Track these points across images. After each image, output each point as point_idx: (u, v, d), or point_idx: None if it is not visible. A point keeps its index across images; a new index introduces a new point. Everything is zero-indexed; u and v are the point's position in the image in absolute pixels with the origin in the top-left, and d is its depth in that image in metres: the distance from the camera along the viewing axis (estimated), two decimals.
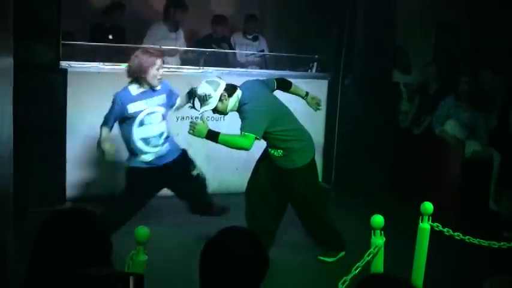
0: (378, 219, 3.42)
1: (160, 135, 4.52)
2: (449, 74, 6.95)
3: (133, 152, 4.52)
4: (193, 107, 4.58)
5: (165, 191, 4.91)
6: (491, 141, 5.93)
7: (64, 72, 5.52)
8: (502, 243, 3.89)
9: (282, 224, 5.40)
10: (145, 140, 4.47)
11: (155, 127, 4.49)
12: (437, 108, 6.29)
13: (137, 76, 4.42)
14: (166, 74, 4.67)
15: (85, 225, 1.84)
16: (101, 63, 5.95)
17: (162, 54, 4.89)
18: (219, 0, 8.34)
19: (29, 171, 5.16)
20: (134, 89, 4.46)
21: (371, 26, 6.52)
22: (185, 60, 6.89)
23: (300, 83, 6.64)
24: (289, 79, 4.99)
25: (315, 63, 6.91)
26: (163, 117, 4.57)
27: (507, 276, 2.09)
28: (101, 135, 4.47)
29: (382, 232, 3.44)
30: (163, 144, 4.55)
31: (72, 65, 5.69)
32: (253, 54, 7.35)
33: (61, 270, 1.74)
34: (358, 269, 3.27)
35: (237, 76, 5.65)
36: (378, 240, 3.43)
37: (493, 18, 7.05)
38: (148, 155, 4.50)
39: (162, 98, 4.54)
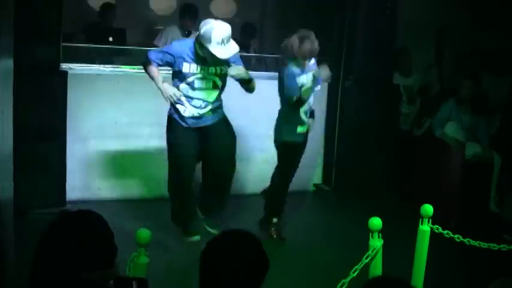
0: (376, 222, 3.42)
1: None
2: (451, 76, 6.95)
3: None
4: None
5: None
6: (492, 144, 5.94)
7: (64, 74, 5.52)
8: (502, 246, 3.89)
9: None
10: None
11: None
12: (438, 110, 6.29)
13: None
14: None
15: (91, 227, 1.85)
16: (102, 65, 5.96)
17: None
18: (218, 4, 8.35)
19: (29, 173, 5.16)
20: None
21: (371, 28, 6.52)
22: None
23: None
24: None
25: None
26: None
27: (510, 279, 2.09)
28: None
29: (380, 234, 3.44)
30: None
31: (72, 67, 5.69)
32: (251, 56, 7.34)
33: (66, 272, 1.75)
34: (356, 272, 3.27)
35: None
36: (376, 242, 3.42)
37: (495, 19, 7.05)
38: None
39: None
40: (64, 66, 5.60)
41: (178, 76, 4.65)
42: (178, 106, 4.67)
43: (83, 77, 5.75)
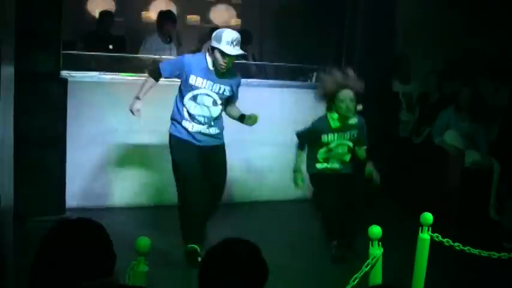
0: (376, 230, 3.41)
1: None
2: (450, 83, 6.95)
3: None
4: None
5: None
6: (492, 151, 5.94)
7: (64, 81, 5.53)
8: (502, 254, 3.88)
9: (278, 233, 5.42)
10: None
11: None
12: (437, 118, 6.29)
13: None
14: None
15: (90, 235, 1.85)
16: (101, 73, 5.97)
17: None
18: (219, 12, 8.38)
19: (29, 180, 5.16)
20: None
21: (370, 36, 6.54)
22: None
23: (299, 93, 6.67)
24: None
25: (315, 73, 6.92)
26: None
27: None
28: None
29: (380, 243, 3.43)
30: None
31: (72, 75, 5.70)
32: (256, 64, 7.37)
33: (64, 280, 1.75)
34: (356, 280, 3.26)
35: None
36: (376, 250, 3.42)
37: (494, 26, 7.06)
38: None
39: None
40: (64, 73, 5.61)
41: (184, 88, 4.62)
42: (184, 123, 4.63)
43: (83, 85, 5.76)
